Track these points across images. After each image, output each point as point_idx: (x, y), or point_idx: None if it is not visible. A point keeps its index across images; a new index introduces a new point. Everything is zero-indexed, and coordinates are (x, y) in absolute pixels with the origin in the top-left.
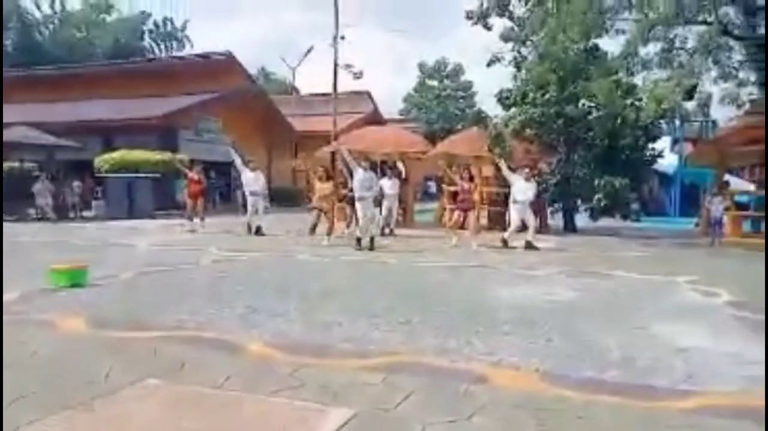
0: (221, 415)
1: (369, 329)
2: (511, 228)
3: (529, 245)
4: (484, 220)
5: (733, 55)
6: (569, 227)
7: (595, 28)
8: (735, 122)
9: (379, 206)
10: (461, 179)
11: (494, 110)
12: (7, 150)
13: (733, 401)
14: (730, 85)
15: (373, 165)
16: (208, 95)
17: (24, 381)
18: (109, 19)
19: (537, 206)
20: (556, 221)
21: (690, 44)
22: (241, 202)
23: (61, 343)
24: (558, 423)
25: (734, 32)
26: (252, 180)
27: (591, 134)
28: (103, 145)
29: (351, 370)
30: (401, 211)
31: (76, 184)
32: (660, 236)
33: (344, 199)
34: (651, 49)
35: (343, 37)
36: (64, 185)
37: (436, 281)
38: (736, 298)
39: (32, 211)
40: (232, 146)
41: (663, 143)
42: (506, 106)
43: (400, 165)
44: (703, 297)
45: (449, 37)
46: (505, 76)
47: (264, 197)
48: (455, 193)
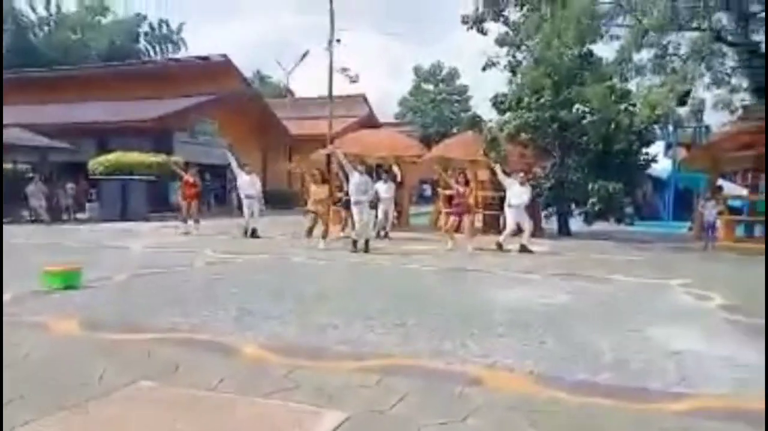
0: (215, 417)
1: (364, 331)
2: (506, 232)
3: (523, 249)
4: (479, 223)
5: (726, 61)
6: (563, 230)
7: (589, 33)
8: (728, 128)
9: (375, 209)
10: (457, 183)
11: (489, 114)
12: None
13: (725, 403)
14: (723, 91)
15: (369, 169)
16: (203, 98)
17: (17, 383)
18: (104, 21)
19: (531, 210)
20: (550, 224)
21: (683, 50)
22: (236, 204)
23: (55, 345)
24: (552, 425)
25: (727, 39)
26: (248, 184)
27: (585, 138)
28: (98, 147)
29: (346, 372)
30: (397, 214)
31: (70, 186)
32: (654, 240)
33: (339, 202)
34: (645, 55)
35: (339, 41)
36: (57, 187)
37: (431, 283)
38: (728, 302)
39: (25, 213)
40: (228, 148)
41: (657, 147)
42: (501, 111)
43: (396, 169)
44: (696, 301)
45: (445, 42)
46: (500, 81)
47: (259, 199)
48: (451, 197)
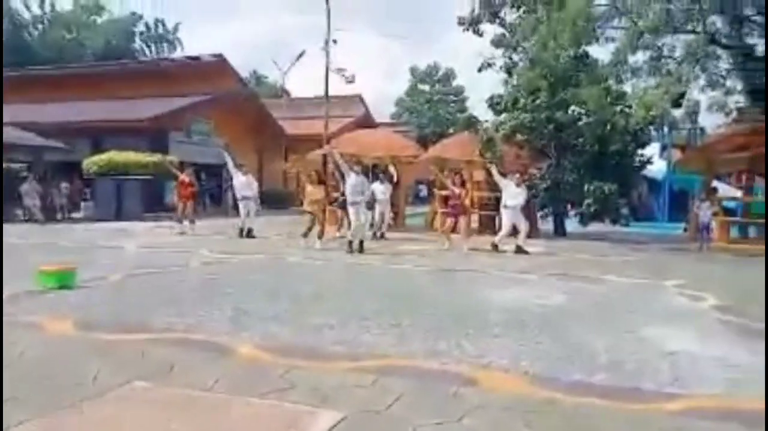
0: (210, 418)
1: (359, 331)
2: (502, 232)
3: (519, 250)
4: (475, 224)
5: (721, 63)
6: (559, 231)
7: (585, 35)
8: (723, 130)
9: (371, 209)
10: (453, 183)
11: (485, 115)
12: None
13: (718, 403)
14: (718, 94)
15: (365, 169)
16: (199, 98)
17: (12, 383)
18: (99, 20)
19: (527, 211)
20: (546, 225)
21: (678, 53)
22: (232, 204)
23: (49, 345)
24: (547, 426)
25: (722, 41)
26: (244, 184)
27: (581, 139)
28: (93, 146)
29: (341, 372)
30: (393, 214)
31: (64, 185)
32: (649, 241)
33: (335, 202)
34: (640, 57)
35: (335, 41)
36: (51, 186)
37: (426, 284)
38: (722, 302)
39: (19, 212)
40: (225, 148)
41: (652, 149)
42: (497, 112)
43: (392, 169)
44: (690, 302)
45: (441, 42)
46: (497, 82)
47: (255, 200)
48: (447, 197)
